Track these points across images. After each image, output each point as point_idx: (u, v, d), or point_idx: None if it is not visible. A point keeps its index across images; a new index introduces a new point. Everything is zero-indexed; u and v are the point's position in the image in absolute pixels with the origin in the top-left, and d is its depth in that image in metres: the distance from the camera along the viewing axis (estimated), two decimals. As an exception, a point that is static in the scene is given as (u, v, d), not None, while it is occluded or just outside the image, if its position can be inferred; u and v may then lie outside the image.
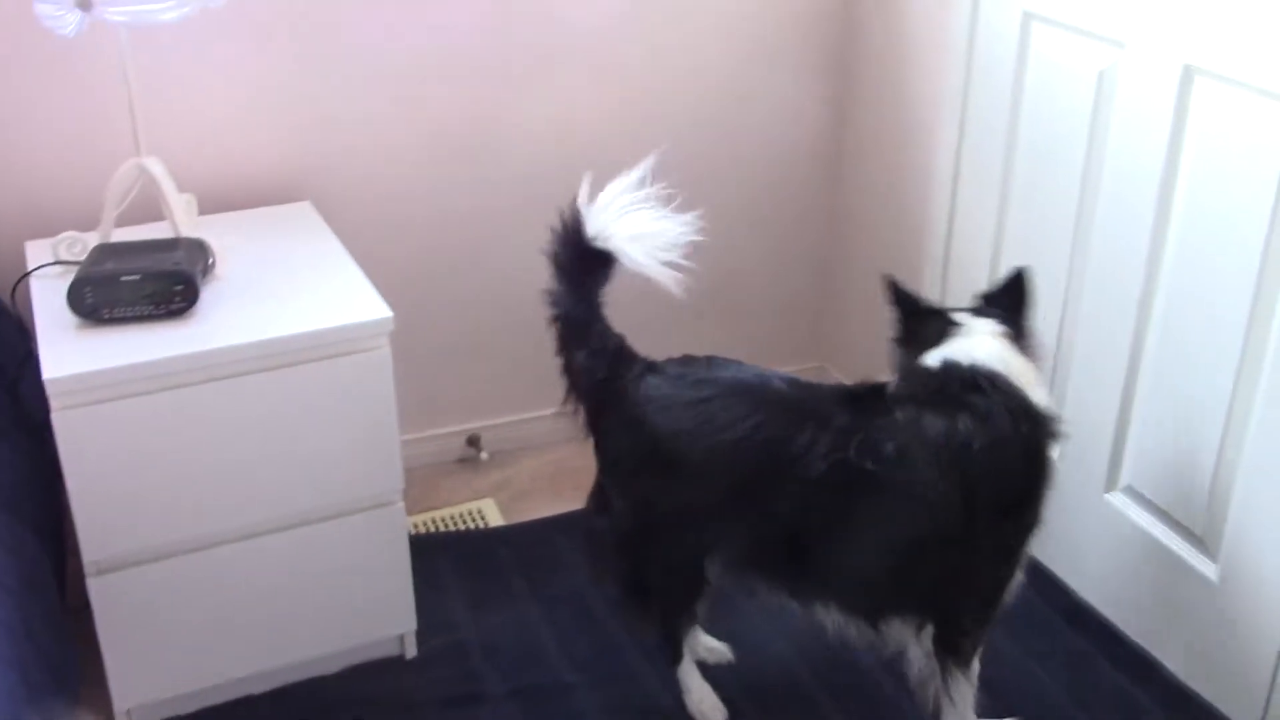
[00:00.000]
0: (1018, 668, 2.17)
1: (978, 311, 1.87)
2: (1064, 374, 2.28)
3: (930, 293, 2.60)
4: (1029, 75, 2.26)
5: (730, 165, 2.78)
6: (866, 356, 2.90)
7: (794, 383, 1.89)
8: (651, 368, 1.93)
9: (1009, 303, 1.87)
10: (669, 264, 1.87)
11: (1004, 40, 2.30)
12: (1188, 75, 1.92)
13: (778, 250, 2.92)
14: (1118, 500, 2.21)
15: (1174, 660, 2.14)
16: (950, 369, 1.78)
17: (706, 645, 2.18)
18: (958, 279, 2.54)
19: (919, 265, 2.64)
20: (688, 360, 1.94)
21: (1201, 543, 2.05)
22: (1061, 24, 2.16)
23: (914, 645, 1.92)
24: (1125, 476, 2.18)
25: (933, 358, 1.81)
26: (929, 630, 1.89)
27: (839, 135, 2.85)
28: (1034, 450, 1.77)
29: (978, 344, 1.80)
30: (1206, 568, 2.03)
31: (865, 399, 1.83)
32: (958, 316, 1.86)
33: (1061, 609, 2.32)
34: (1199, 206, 1.94)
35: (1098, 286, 2.16)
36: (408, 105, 2.47)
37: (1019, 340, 1.83)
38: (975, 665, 1.94)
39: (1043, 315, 2.28)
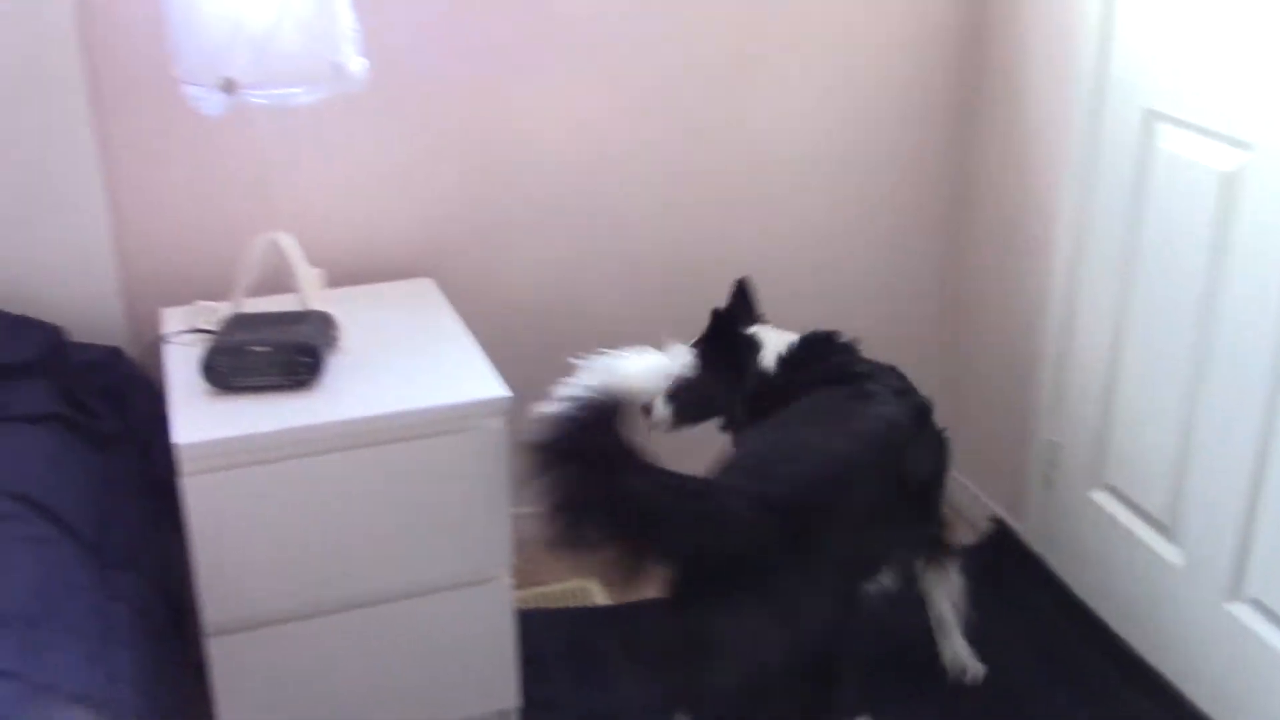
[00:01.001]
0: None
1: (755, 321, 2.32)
2: (1184, 477, 2.23)
3: (1042, 391, 2.58)
4: (1151, 173, 2.24)
5: (843, 237, 2.80)
6: (981, 452, 2.87)
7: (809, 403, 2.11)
8: (731, 469, 1.94)
9: (747, 306, 2.33)
10: None
11: (1125, 136, 2.29)
12: (1319, 179, 1.89)
13: (887, 335, 2.89)
14: (1240, 611, 2.14)
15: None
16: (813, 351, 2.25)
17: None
18: (1074, 377, 2.51)
19: (1033, 362, 2.61)
20: (738, 457, 2.00)
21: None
22: (1186, 123, 2.15)
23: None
24: (1250, 587, 2.12)
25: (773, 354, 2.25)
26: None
27: (956, 222, 2.85)
28: None
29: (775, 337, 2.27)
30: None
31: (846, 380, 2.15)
32: (753, 332, 2.28)
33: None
34: (1330, 312, 1.90)
35: (1222, 389, 2.12)
36: (527, 189, 2.54)
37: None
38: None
39: (1164, 415, 2.25)
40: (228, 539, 1.90)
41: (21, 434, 1.93)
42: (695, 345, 2.25)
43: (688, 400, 2.26)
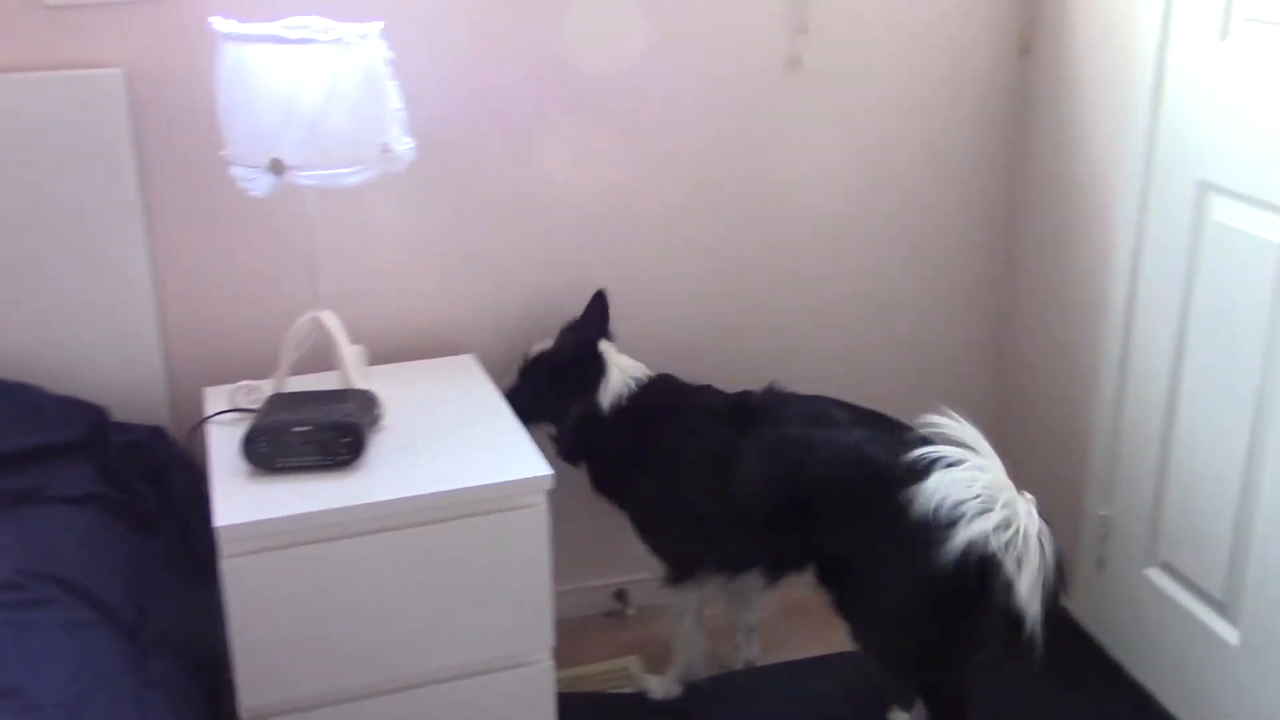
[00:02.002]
0: None
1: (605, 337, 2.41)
2: (1243, 554, 2.17)
3: (1093, 465, 2.53)
4: (1205, 245, 2.20)
5: (891, 305, 2.78)
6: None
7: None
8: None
9: (600, 319, 2.40)
10: None
11: (1178, 208, 2.25)
12: (1378, 252, 1.85)
13: (933, 405, 2.85)
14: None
15: None
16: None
17: None
18: (1126, 450, 2.46)
19: (1084, 435, 2.56)
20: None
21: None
22: (1240, 195, 2.11)
23: None
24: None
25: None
26: None
27: (1006, 292, 2.82)
28: None
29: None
30: None
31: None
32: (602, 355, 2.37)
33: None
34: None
35: (1280, 464, 2.07)
36: (566, 266, 2.52)
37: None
38: None
39: (1221, 490, 2.19)
40: (266, 621, 1.88)
41: (61, 515, 1.92)
42: (539, 356, 2.40)
43: (521, 400, 2.30)
